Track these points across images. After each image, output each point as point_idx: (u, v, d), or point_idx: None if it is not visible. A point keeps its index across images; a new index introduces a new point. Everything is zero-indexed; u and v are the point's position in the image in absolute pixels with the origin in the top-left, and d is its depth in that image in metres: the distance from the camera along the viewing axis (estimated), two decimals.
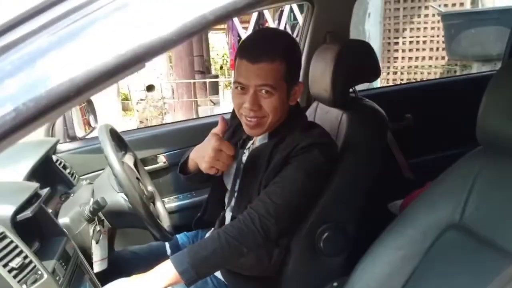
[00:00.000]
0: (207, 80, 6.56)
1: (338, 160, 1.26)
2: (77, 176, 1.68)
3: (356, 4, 1.84)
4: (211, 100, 7.26)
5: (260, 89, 1.14)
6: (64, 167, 1.63)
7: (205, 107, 6.69)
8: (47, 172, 1.49)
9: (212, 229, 1.44)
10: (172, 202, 1.89)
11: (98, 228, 1.26)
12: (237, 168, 1.33)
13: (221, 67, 11.95)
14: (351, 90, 1.48)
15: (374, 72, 1.39)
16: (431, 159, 2.16)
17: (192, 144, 1.87)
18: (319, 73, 1.40)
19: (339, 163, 1.26)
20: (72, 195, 1.39)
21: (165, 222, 1.50)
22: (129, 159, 1.51)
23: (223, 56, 12.08)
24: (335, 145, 1.25)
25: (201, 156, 1.22)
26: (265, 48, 1.13)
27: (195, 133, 1.93)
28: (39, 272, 0.88)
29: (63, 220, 1.22)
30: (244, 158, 1.31)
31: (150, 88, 5.37)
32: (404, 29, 5.32)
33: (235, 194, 1.31)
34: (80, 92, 0.35)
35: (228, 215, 1.36)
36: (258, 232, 1.11)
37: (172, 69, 6.35)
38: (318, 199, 1.25)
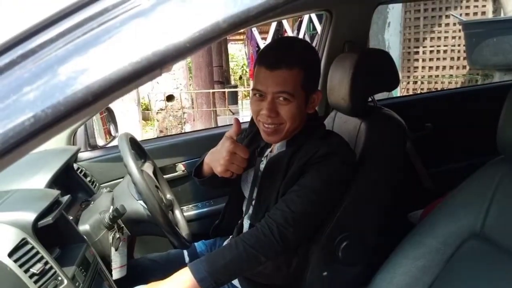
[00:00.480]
0: (226, 90, 6.60)
1: (357, 169, 1.24)
2: (97, 184, 1.70)
3: (375, 13, 1.84)
4: (230, 110, 7.31)
5: (278, 96, 1.14)
6: (85, 175, 1.66)
7: (224, 116, 6.72)
8: (68, 180, 1.52)
9: (230, 237, 1.44)
10: (191, 211, 1.90)
11: (117, 235, 1.28)
12: (255, 176, 1.33)
13: (240, 77, 12.04)
14: (369, 99, 1.47)
15: (393, 81, 1.37)
16: (451, 168, 2.12)
17: None
18: (337, 82, 1.40)
19: (357, 172, 1.25)
20: (92, 202, 1.40)
21: (184, 230, 1.50)
22: (148, 168, 1.53)
23: (242, 67, 12.17)
24: (354, 154, 1.24)
25: (216, 159, 1.22)
26: (284, 55, 1.14)
27: (213, 142, 1.92)
28: (59, 278, 0.89)
29: (83, 227, 1.24)
30: (262, 166, 1.31)
31: (170, 98, 5.44)
32: (424, 38, 5.26)
33: (253, 202, 1.31)
34: (97, 99, 0.36)
35: (246, 223, 1.35)
36: (276, 241, 1.10)
37: (191, 79, 6.42)
38: (337, 208, 1.23)
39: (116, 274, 1.25)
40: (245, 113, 7.80)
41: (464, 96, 2.28)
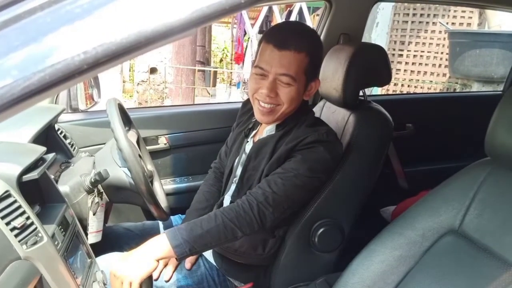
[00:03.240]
0: (211, 69, 6.53)
1: (342, 159, 1.27)
2: (76, 148, 1.67)
3: None
4: (207, 91, 7.24)
5: (280, 77, 1.14)
6: (65, 137, 1.62)
7: (200, 97, 6.66)
8: (48, 139, 1.48)
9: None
10: (169, 184, 1.89)
11: (96, 200, 1.26)
12: (240, 157, 1.34)
13: (221, 60, 11.94)
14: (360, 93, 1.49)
15: (386, 76, 1.40)
16: (427, 170, 2.19)
17: (195, 129, 1.90)
18: (331, 73, 1.41)
19: (342, 162, 1.27)
20: (72, 164, 1.38)
21: (162, 202, 1.49)
22: (132, 136, 1.51)
23: (223, 50, 12.07)
24: (341, 144, 1.26)
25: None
26: (295, 37, 1.14)
27: (198, 118, 1.94)
28: (40, 235, 0.87)
29: (62, 188, 1.22)
30: (248, 147, 1.31)
31: (153, 70, 5.34)
32: (409, 42, 5.35)
33: (236, 181, 1.31)
34: (91, 67, 0.34)
35: (226, 200, 1.36)
36: (255, 218, 1.12)
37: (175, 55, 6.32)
38: (317, 195, 1.26)
39: (91, 238, 1.24)
40: (220, 98, 7.74)
41: (446, 101, 2.34)
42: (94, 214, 1.25)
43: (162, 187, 1.57)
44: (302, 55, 1.13)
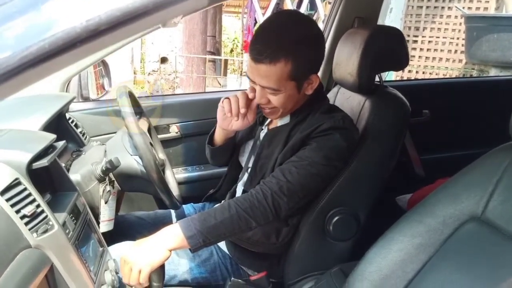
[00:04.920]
0: (221, 57, 6.48)
1: (358, 146, 1.23)
2: (87, 137, 1.66)
3: None
4: (218, 81, 7.21)
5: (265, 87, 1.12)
6: (76, 125, 1.62)
7: (212, 88, 6.63)
8: (60, 128, 1.48)
9: (222, 202, 1.42)
10: (181, 173, 1.88)
11: (108, 188, 1.25)
12: (254, 144, 1.31)
13: (231, 51, 11.86)
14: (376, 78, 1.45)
15: (403, 60, 1.35)
16: (444, 157, 2.14)
17: (207, 117, 1.87)
18: (345, 57, 1.37)
19: (358, 148, 1.24)
20: (83, 153, 1.37)
21: (174, 191, 1.48)
22: (143, 124, 1.49)
23: (233, 40, 11.98)
24: (357, 130, 1.23)
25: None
26: (267, 47, 1.06)
27: (210, 107, 1.91)
28: (50, 223, 0.86)
29: (74, 176, 1.21)
30: (262, 134, 1.29)
31: (163, 60, 5.32)
32: (424, 28, 5.24)
33: (249, 170, 1.29)
34: (94, 35, 0.31)
35: (239, 189, 1.34)
36: (269, 209, 1.09)
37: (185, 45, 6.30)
38: (332, 182, 1.23)
39: (103, 227, 1.23)
40: (231, 88, 7.70)
41: (464, 87, 2.28)
42: (105, 203, 1.24)
43: (174, 176, 1.55)
44: (280, 65, 1.07)
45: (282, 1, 6.67)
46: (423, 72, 5.24)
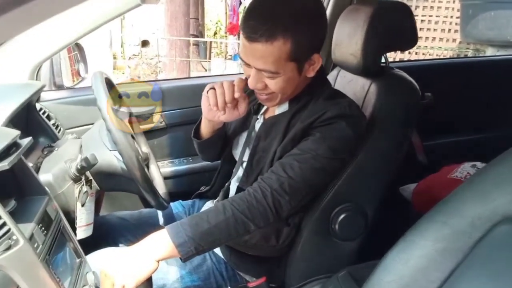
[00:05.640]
0: (206, 40, 6.30)
1: (365, 136, 1.12)
2: (62, 129, 1.53)
3: None
4: (202, 65, 7.03)
5: (261, 70, 1.00)
6: (48, 117, 1.49)
7: (197, 72, 6.47)
8: (29, 121, 1.34)
9: (214, 200, 1.31)
10: (167, 167, 1.75)
11: (84, 189, 1.12)
12: (248, 135, 1.20)
13: (215, 34, 11.64)
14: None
15: (411, 38, 1.24)
16: (447, 143, 2.06)
17: (194, 105, 1.74)
18: (347, 36, 1.25)
19: (365, 139, 1.13)
20: (56, 149, 1.23)
21: (160, 188, 1.36)
22: (123, 115, 1.36)
23: (216, 23, 11.77)
24: (364, 118, 1.11)
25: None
26: (263, 23, 0.93)
27: (197, 93, 1.77)
28: (14, 237, 0.74)
29: (44, 176, 1.08)
30: (258, 125, 1.17)
31: (144, 43, 5.11)
32: (416, 7, 5.14)
33: (244, 164, 1.18)
34: None
35: (233, 186, 1.22)
36: (270, 209, 0.99)
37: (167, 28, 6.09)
38: (339, 176, 1.12)
39: (81, 233, 1.11)
40: (216, 71, 7.52)
41: (467, 67, 2.19)
42: (82, 206, 1.12)
43: (160, 171, 1.43)
44: (278, 43, 0.94)
45: None
46: (416, 53, 5.15)
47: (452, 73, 2.09)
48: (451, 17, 4.90)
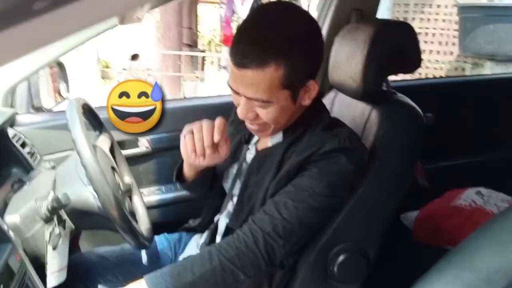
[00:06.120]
0: (197, 54, 6.25)
1: (366, 170, 1.04)
2: (38, 157, 1.43)
3: None
4: (196, 76, 6.96)
5: (252, 99, 0.92)
6: (23, 144, 1.39)
7: (190, 82, 6.40)
8: (0, 151, 1.24)
9: (202, 236, 1.21)
10: (152, 195, 1.66)
11: (57, 230, 1.02)
12: (239, 167, 1.11)
13: (209, 42, 11.61)
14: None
15: (414, 60, 1.17)
16: (450, 166, 1.98)
17: (181, 128, 1.64)
18: (345, 58, 1.18)
19: (366, 171, 1.04)
20: (27, 183, 1.14)
21: (143, 223, 1.27)
22: (104, 142, 1.27)
23: (213, 30, 11.72)
24: (366, 150, 1.03)
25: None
26: (254, 48, 0.86)
27: (184, 116, 1.69)
28: None
29: (11, 218, 0.98)
30: (249, 156, 1.08)
31: (134, 57, 5.02)
32: (413, 19, 5.11)
33: (234, 199, 1.09)
34: None
35: (222, 222, 1.13)
36: (261, 255, 0.90)
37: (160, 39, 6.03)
38: (337, 214, 1.03)
39: (52, 280, 1.00)
40: (209, 82, 7.45)
41: (470, 86, 2.12)
42: (54, 249, 1.01)
43: (144, 203, 1.33)
44: (269, 69, 0.87)
45: None
46: None
47: (453, 92, 2.02)
48: (449, 29, 4.87)
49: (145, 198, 1.63)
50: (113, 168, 1.18)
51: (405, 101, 1.17)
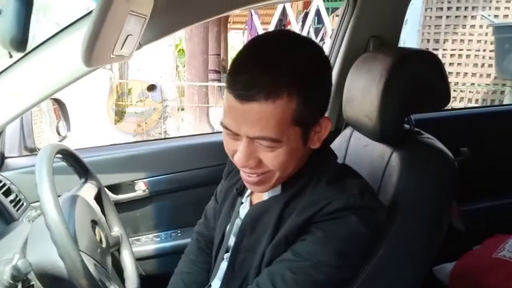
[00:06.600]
0: (215, 84, 6.23)
1: (385, 229, 0.87)
2: (24, 204, 1.33)
3: None
4: (223, 99, 6.93)
5: (257, 140, 0.76)
6: (8, 191, 1.28)
7: (216, 108, 6.37)
8: None
9: None
10: (150, 244, 1.53)
11: None
12: (232, 223, 0.96)
13: None
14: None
15: (443, 96, 1.00)
16: (488, 207, 1.77)
17: (181, 169, 1.53)
18: (360, 92, 1.03)
19: (384, 232, 0.87)
20: None
21: (131, 281, 1.14)
22: (88, 191, 1.16)
23: None
24: (383, 208, 0.85)
25: None
26: (262, 75, 0.72)
27: (186, 155, 1.58)
28: None
29: None
30: (243, 211, 0.93)
31: (151, 88, 4.99)
32: (445, 40, 4.90)
33: (225, 264, 0.93)
34: None
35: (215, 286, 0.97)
36: None
37: (178, 68, 6.04)
38: (349, 286, 0.86)
39: None
40: None
41: (510, 116, 1.91)
42: None
43: (133, 258, 1.20)
44: (281, 102, 0.72)
45: (286, 16, 6.41)
46: None
47: (491, 124, 1.82)
48: (484, 50, 4.64)
49: (142, 247, 1.51)
50: (94, 222, 1.06)
51: (432, 143, 1.00)
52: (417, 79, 0.97)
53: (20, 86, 1.29)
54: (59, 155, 1.07)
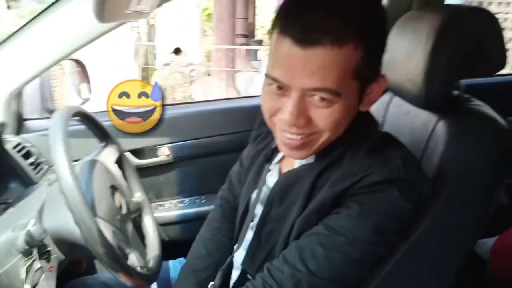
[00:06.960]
0: (244, 47, 6.15)
1: (428, 205, 0.79)
2: (44, 168, 1.31)
3: None
4: (251, 65, 6.87)
5: (311, 94, 0.68)
6: (27, 154, 1.26)
7: (243, 73, 6.30)
8: None
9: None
10: (173, 209, 1.53)
11: (37, 265, 0.87)
12: (259, 192, 0.90)
13: (269, 32, 11.54)
14: None
15: (498, 58, 0.90)
16: None
17: (206, 134, 1.49)
18: (403, 55, 0.94)
19: (427, 207, 0.80)
20: (13, 205, 1.00)
21: (152, 248, 1.11)
22: (108, 156, 1.13)
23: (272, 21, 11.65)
24: (427, 182, 0.77)
25: None
26: (329, 18, 0.64)
27: (211, 120, 1.53)
28: None
29: None
30: (271, 179, 0.87)
31: (177, 51, 4.93)
32: (490, 3, 4.65)
33: (250, 233, 0.88)
34: None
35: (239, 257, 0.92)
36: None
37: (205, 32, 5.98)
38: (383, 265, 0.79)
39: None
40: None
41: None
42: (34, 287, 0.86)
43: (155, 225, 1.17)
44: (348, 49, 0.65)
45: None
46: None
47: None
48: None
49: (165, 213, 1.50)
50: (113, 188, 1.02)
51: (484, 110, 0.91)
52: (469, 40, 0.87)
53: (36, 46, 1.26)
54: (77, 118, 1.02)
